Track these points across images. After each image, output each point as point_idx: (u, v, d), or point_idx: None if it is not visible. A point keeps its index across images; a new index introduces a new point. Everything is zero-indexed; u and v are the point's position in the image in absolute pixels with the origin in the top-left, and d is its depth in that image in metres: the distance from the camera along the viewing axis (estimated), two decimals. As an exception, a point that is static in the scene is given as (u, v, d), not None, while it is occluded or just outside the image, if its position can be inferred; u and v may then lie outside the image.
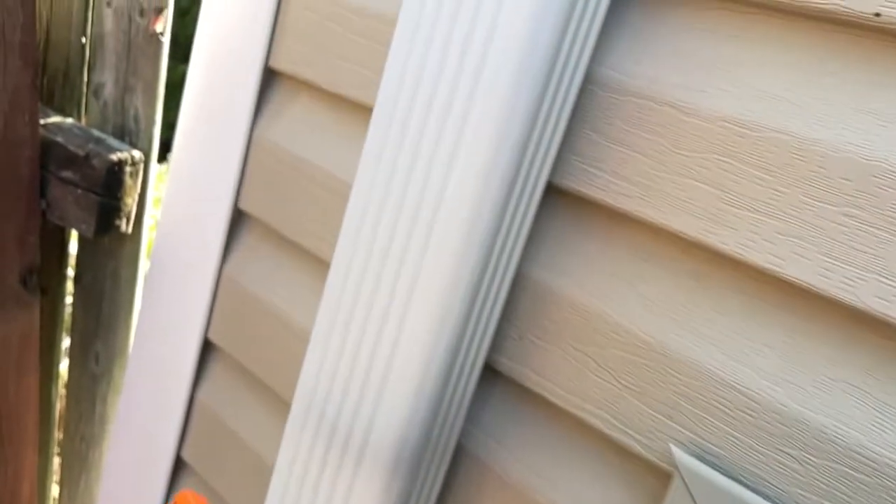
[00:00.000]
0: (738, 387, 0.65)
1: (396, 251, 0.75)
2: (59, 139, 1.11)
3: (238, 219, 1.13)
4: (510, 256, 0.77)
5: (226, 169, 1.10)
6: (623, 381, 0.73)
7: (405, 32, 0.74)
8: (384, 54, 0.92)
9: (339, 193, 0.98)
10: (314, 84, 1.01)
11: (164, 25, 1.11)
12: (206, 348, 1.18)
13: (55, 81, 1.20)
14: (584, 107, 0.75)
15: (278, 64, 1.05)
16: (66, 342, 1.44)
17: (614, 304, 0.74)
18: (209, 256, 1.14)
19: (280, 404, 1.09)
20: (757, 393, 0.65)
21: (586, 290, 0.76)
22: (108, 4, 1.12)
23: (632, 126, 0.72)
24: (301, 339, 1.03)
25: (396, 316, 0.75)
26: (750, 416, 0.65)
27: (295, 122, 1.05)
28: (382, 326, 0.77)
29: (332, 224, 0.99)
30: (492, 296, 0.77)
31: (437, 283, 0.72)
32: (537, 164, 0.73)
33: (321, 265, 1.02)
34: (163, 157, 1.51)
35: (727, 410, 0.66)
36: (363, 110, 0.96)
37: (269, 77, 1.08)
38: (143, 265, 1.29)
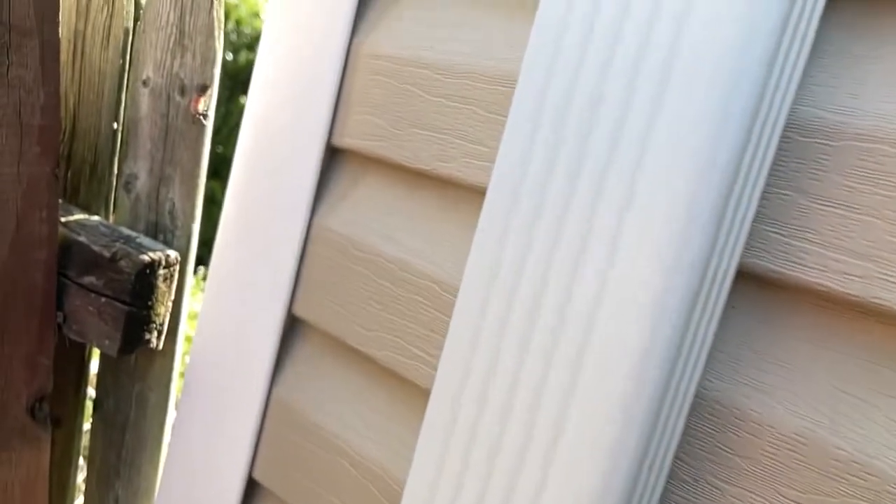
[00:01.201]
0: None
1: (531, 380, 0.54)
2: (82, 238, 0.93)
3: (292, 328, 0.93)
4: (692, 375, 0.55)
5: (278, 267, 0.91)
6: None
7: (536, 75, 0.56)
8: (484, 118, 0.74)
9: (422, 290, 0.78)
10: (387, 160, 0.83)
11: (208, 105, 0.95)
12: (251, 491, 0.95)
13: (81, 175, 1.04)
14: (782, 160, 0.55)
15: (343, 140, 0.87)
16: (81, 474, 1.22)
17: (845, 435, 0.51)
18: (256, 376, 0.93)
19: (347, 568, 0.85)
20: None
21: (795, 413, 0.53)
22: (145, 84, 0.97)
23: (856, 180, 0.52)
24: (375, 480, 0.80)
25: (534, 471, 0.53)
26: None
27: (363, 207, 0.86)
28: (512, 485, 0.54)
29: (415, 330, 0.78)
30: (661, 437, 0.54)
31: (595, 429, 0.50)
32: (730, 243, 0.53)
33: (401, 384, 0.80)
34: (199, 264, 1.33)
35: None
36: (452, 187, 0.78)
37: (332, 156, 0.90)
38: (176, 388, 1.08)
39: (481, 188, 0.74)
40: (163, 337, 0.99)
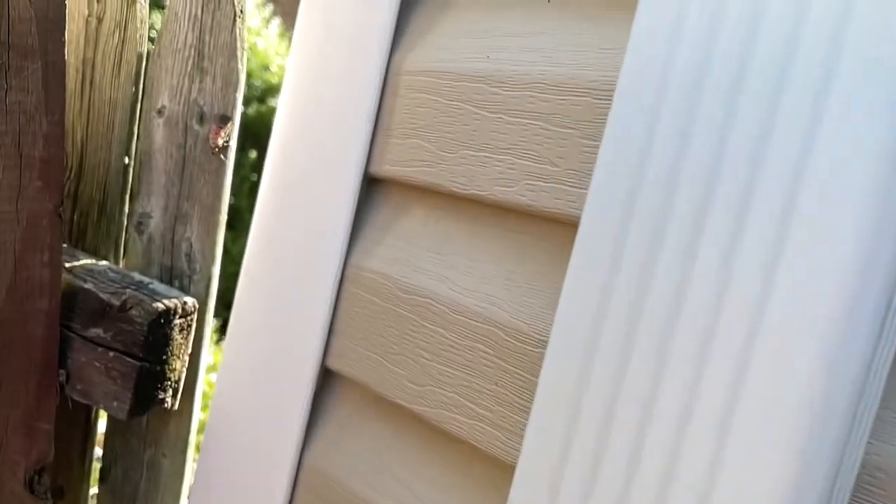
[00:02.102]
0: None
1: (651, 466, 0.42)
2: (88, 285, 0.83)
3: (326, 382, 0.82)
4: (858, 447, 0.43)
5: (309, 313, 0.80)
6: None
7: (636, 81, 0.45)
8: (552, 133, 0.63)
9: (482, 336, 0.66)
10: (435, 188, 0.72)
11: (230, 134, 0.85)
12: (280, 575, 0.82)
13: (88, 217, 0.94)
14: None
15: (382, 168, 0.77)
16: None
17: None
18: (285, 438, 0.81)
19: None
20: None
21: None
22: (160, 112, 0.87)
23: None
24: (433, 566, 0.67)
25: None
26: None
27: (408, 242, 0.76)
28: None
29: (475, 384, 0.66)
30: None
31: None
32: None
33: (460, 449, 0.68)
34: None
35: None
36: (514, 214, 0.67)
37: (370, 186, 0.80)
38: (192, 453, 0.96)
39: (549, 213, 0.63)
40: (178, 395, 0.88)
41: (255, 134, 4.46)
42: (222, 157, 0.86)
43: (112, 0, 0.87)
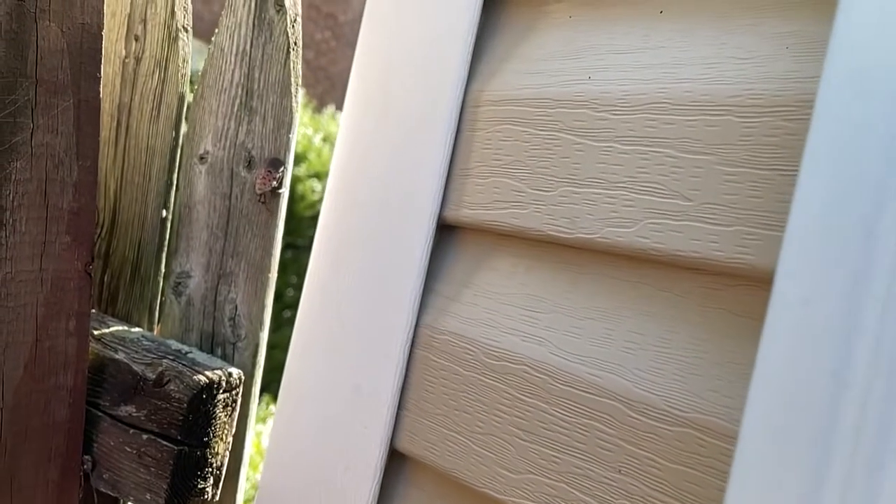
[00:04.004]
0: None
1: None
2: (119, 356, 0.72)
3: (395, 468, 0.69)
4: None
5: (374, 385, 0.68)
6: None
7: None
8: (681, 160, 0.52)
9: (599, 413, 0.54)
10: (528, 233, 0.61)
11: (282, 182, 0.75)
12: None
13: (120, 278, 0.83)
14: None
15: (459, 212, 0.67)
16: None
17: None
18: (347, 536, 0.68)
19: None
20: None
21: None
22: (202, 159, 0.78)
23: None
24: None
25: None
26: None
27: (493, 298, 0.64)
28: None
29: (591, 472, 0.53)
30: None
31: None
32: None
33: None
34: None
35: None
36: (633, 261, 0.55)
37: (445, 234, 0.69)
38: (235, 552, 0.83)
39: (682, 258, 0.51)
40: (220, 484, 0.75)
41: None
42: (272, 206, 0.76)
43: (152, 38, 0.78)
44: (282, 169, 0.76)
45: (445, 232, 0.70)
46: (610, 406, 0.54)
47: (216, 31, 0.76)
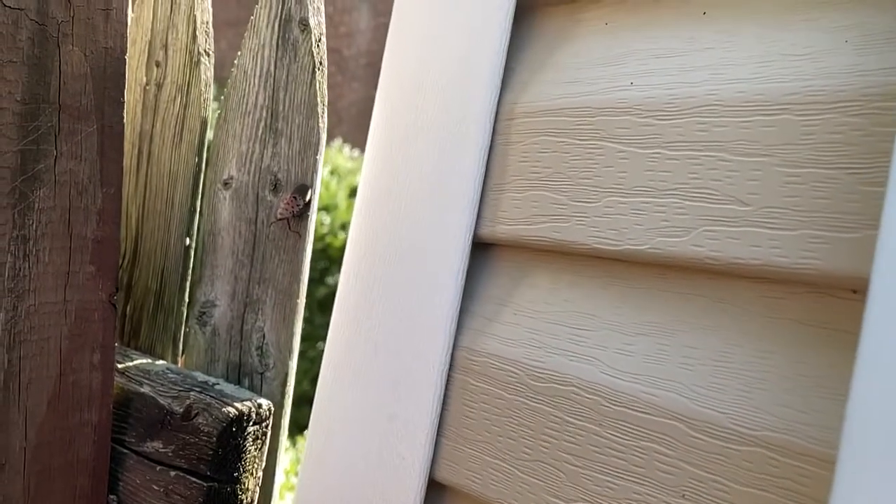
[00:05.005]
0: None
1: None
2: (145, 389, 0.69)
3: (435, 499, 0.65)
4: None
5: (410, 412, 0.65)
6: None
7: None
8: (735, 164, 0.49)
9: (658, 434, 0.50)
10: (570, 247, 0.59)
11: (309, 205, 0.73)
12: None
13: (143, 309, 0.81)
14: None
15: (495, 229, 0.64)
16: None
17: None
18: (387, 574, 0.64)
19: None
20: None
21: None
22: (226, 185, 0.76)
23: None
24: None
25: None
26: None
27: (535, 317, 0.61)
28: None
29: (651, 499, 0.50)
30: None
31: None
32: None
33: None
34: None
35: None
36: (688, 272, 0.52)
37: (480, 252, 0.66)
38: None
39: (741, 266, 0.48)
40: (250, 522, 0.72)
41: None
42: (300, 229, 0.74)
43: (173, 63, 0.77)
44: (308, 192, 0.74)
45: (480, 250, 0.67)
46: (669, 426, 0.51)
47: (238, 53, 0.75)
